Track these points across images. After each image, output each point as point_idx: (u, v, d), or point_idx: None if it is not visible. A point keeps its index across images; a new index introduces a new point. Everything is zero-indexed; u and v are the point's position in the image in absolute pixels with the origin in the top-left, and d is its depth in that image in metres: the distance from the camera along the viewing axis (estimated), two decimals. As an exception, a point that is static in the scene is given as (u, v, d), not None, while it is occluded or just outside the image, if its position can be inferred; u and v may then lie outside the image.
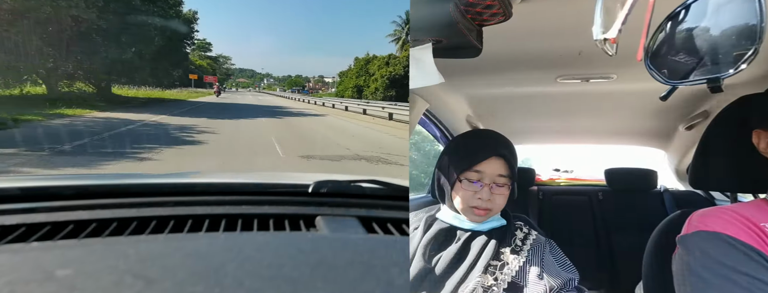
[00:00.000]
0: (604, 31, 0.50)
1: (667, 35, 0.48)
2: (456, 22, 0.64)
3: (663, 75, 0.48)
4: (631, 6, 0.48)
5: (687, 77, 0.46)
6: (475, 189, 0.89)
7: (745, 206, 0.72)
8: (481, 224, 0.93)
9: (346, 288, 0.43)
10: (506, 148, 0.94)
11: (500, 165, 0.91)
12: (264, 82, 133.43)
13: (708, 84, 0.45)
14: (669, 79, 0.48)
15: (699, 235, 0.67)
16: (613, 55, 0.53)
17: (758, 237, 0.63)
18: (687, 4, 0.46)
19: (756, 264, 0.59)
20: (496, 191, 0.90)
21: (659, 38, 0.48)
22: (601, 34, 0.50)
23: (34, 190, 0.74)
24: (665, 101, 0.52)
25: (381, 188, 0.87)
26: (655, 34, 0.48)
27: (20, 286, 0.40)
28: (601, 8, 0.51)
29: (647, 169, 2.43)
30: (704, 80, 0.45)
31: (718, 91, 0.45)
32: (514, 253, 0.89)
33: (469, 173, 0.90)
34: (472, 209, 0.90)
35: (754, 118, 0.75)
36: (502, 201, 0.92)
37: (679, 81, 0.47)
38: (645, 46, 0.49)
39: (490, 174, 0.90)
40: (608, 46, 0.51)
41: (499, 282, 0.85)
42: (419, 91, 1.53)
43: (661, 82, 0.49)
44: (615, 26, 0.49)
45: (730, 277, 0.59)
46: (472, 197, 0.89)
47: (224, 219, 0.70)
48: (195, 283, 0.41)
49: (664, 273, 0.73)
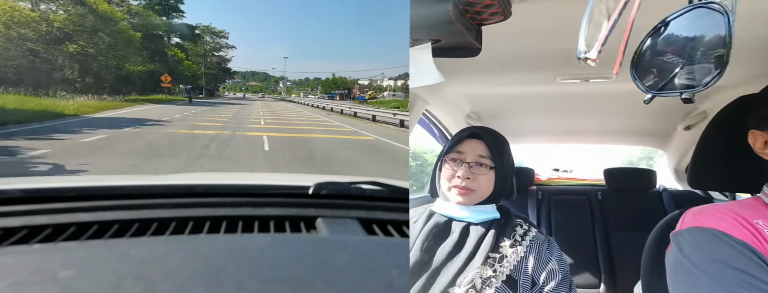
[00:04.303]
0: (587, 50, 0.55)
1: (648, 48, 0.53)
2: (455, 22, 0.65)
3: (644, 85, 0.54)
4: (610, 28, 0.52)
5: (663, 89, 0.52)
6: (455, 169, 0.95)
7: (739, 204, 0.72)
8: (473, 213, 0.94)
9: (346, 289, 0.43)
10: (484, 131, 0.99)
11: (479, 146, 0.96)
12: (280, 85, 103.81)
13: (681, 97, 0.50)
14: (649, 90, 0.53)
15: (691, 231, 0.68)
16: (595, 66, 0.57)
17: (751, 234, 0.63)
18: (666, 21, 0.51)
19: (748, 260, 0.59)
20: (477, 171, 0.94)
21: (641, 50, 0.53)
22: (583, 53, 0.55)
23: (35, 192, 0.74)
24: (647, 104, 0.56)
25: (381, 190, 0.87)
26: (639, 46, 0.53)
27: (22, 288, 0.40)
28: (587, 23, 0.54)
29: (646, 169, 2.43)
30: (678, 93, 0.50)
31: (690, 102, 0.50)
32: (513, 247, 0.90)
33: (451, 154, 0.97)
34: (455, 189, 0.94)
35: (750, 119, 0.75)
36: (486, 184, 0.94)
37: (656, 92, 0.52)
38: (632, 58, 0.54)
39: (471, 155, 0.95)
40: (590, 63, 0.55)
41: (497, 274, 0.86)
42: (418, 91, 1.53)
43: (642, 90, 0.54)
44: (595, 48, 0.54)
45: (722, 272, 0.59)
46: (452, 176, 0.94)
47: (225, 220, 0.70)
48: (196, 284, 0.41)
49: (663, 272, 0.73)
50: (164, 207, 0.73)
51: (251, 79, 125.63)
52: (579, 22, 0.55)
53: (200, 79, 44.15)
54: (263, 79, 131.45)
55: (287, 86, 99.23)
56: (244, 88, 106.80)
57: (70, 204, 0.70)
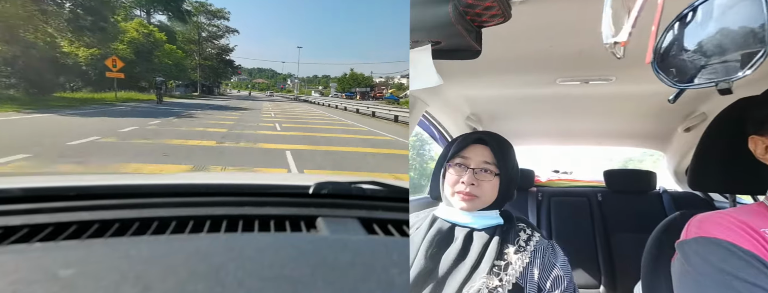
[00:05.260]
0: (615, 33, 0.50)
1: (675, 37, 0.47)
2: (455, 24, 0.65)
3: (670, 77, 0.48)
4: (640, 8, 0.47)
5: (694, 80, 0.46)
6: (460, 174, 0.94)
7: (744, 210, 0.71)
8: (475, 219, 0.94)
9: (346, 288, 0.43)
10: (490, 136, 0.98)
11: (485, 152, 0.95)
12: (288, 82, 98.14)
13: (717, 86, 0.44)
14: (677, 82, 0.47)
15: (698, 242, 0.66)
16: (621, 58, 0.52)
17: (758, 243, 0.62)
18: (694, 6, 0.45)
19: (756, 271, 0.58)
20: (482, 177, 0.93)
21: (666, 40, 0.48)
22: (611, 37, 0.50)
23: (36, 191, 0.75)
24: (673, 103, 0.51)
25: (381, 189, 0.87)
26: (662, 36, 0.48)
27: (23, 286, 0.40)
28: (610, 10, 0.50)
29: (646, 171, 2.43)
30: (713, 83, 0.44)
31: (728, 92, 0.44)
32: (517, 253, 0.89)
33: (456, 159, 0.96)
34: (459, 194, 0.93)
35: (749, 124, 0.74)
36: (490, 190, 0.94)
37: (686, 84, 0.46)
38: (654, 50, 0.49)
39: (476, 161, 0.94)
40: (618, 49, 0.50)
41: (504, 284, 0.85)
42: (418, 93, 1.53)
43: (668, 84, 0.48)
44: (625, 29, 0.49)
45: (730, 284, 0.58)
46: (457, 182, 0.94)
47: (225, 220, 0.71)
48: (196, 283, 0.42)
49: (663, 273, 0.73)
50: (165, 207, 0.73)
51: (258, 76, 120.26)
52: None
53: (192, 72, 34.80)
54: (270, 76, 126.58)
55: (296, 83, 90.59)
56: (250, 85, 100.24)
57: (70, 203, 0.70)
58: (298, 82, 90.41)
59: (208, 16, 40.50)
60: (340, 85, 61.61)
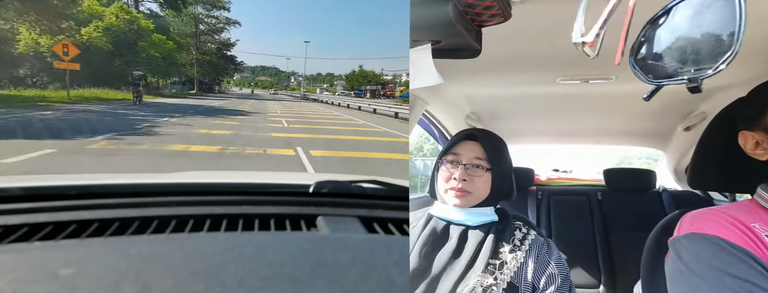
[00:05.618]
0: (584, 33, 0.52)
1: (650, 37, 0.49)
2: (455, 23, 0.65)
3: (646, 75, 0.50)
4: (610, 11, 0.49)
5: (668, 77, 0.48)
6: (452, 170, 0.95)
7: (734, 207, 0.72)
8: (470, 216, 0.94)
9: (346, 287, 0.43)
10: (481, 132, 0.99)
11: (476, 147, 0.96)
12: (292, 80, 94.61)
13: (687, 84, 0.46)
14: (652, 79, 0.49)
15: (689, 238, 0.67)
16: (593, 58, 0.54)
17: (748, 239, 0.63)
18: (668, 8, 0.48)
19: (747, 266, 0.59)
20: (473, 172, 0.94)
21: (642, 39, 0.50)
22: (579, 37, 0.52)
23: (36, 190, 0.75)
24: (647, 101, 0.54)
25: (381, 188, 0.87)
26: (639, 35, 0.50)
27: (23, 286, 0.40)
28: (584, 10, 0.52)
29: (646, 169, 2.43)
30: (684, 80, 0.46)
31: (697, 91, 0.46)
32: (512, 252, 0.90)
33: (448, 156, 0.98)
34: (452, 191, 0.93)
35: (739, 120, 0.75)
36: (482, 186, 0.94)
37: (660, 81, 0.49)
38: (631, 47, 0.51)
39: (467, 156, 0.95)
40: (587, 49, 0.52)
41: (498, 282, 0.85)
42: (418, 92, 1.53)
43: (644, 81, 0.50)
44: (593, 30, 0.51)
45: (721, 280, 0.59)
46: (449, 178, 0.94)
47: (225, 219, 0.71)
48: (196, 282, 0.42)
49: (663, 272, 0.73)
50: (165, 206, 0.73)
51: (261, 74, 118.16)
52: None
53: (188, 68, 31.24)
54: (274, 73, 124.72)
55: (300, 81, 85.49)
56: (253, 83, 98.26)
57: (70, 202, 0.70)
58: (303, 80, 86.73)
59: (206, 5, 36.56)
60: (348, 83, 57.42)
